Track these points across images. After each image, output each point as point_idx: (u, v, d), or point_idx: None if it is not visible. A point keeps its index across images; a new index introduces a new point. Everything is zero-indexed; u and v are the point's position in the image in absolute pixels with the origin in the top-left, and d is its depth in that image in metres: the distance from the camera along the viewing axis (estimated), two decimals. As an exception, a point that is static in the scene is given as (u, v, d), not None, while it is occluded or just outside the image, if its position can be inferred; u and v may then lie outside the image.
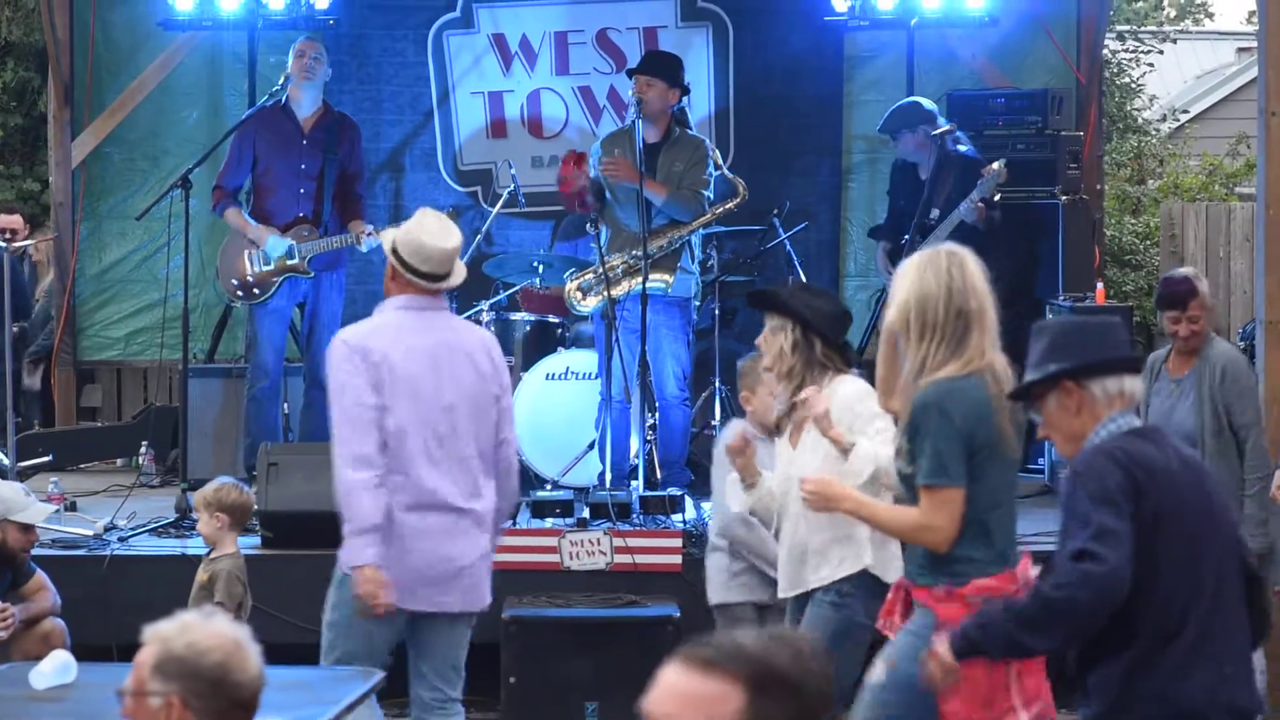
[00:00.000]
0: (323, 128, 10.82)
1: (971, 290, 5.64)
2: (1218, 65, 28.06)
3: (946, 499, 5.48)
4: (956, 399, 5.48)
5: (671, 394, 10.20)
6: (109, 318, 12.82)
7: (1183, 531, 4.72)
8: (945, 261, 5.65)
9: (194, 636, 3.86)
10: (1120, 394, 4.87)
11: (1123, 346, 5.02)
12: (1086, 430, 4.86)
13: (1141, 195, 19.49)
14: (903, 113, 11.32)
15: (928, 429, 5.49)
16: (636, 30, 12.60)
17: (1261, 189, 9.37)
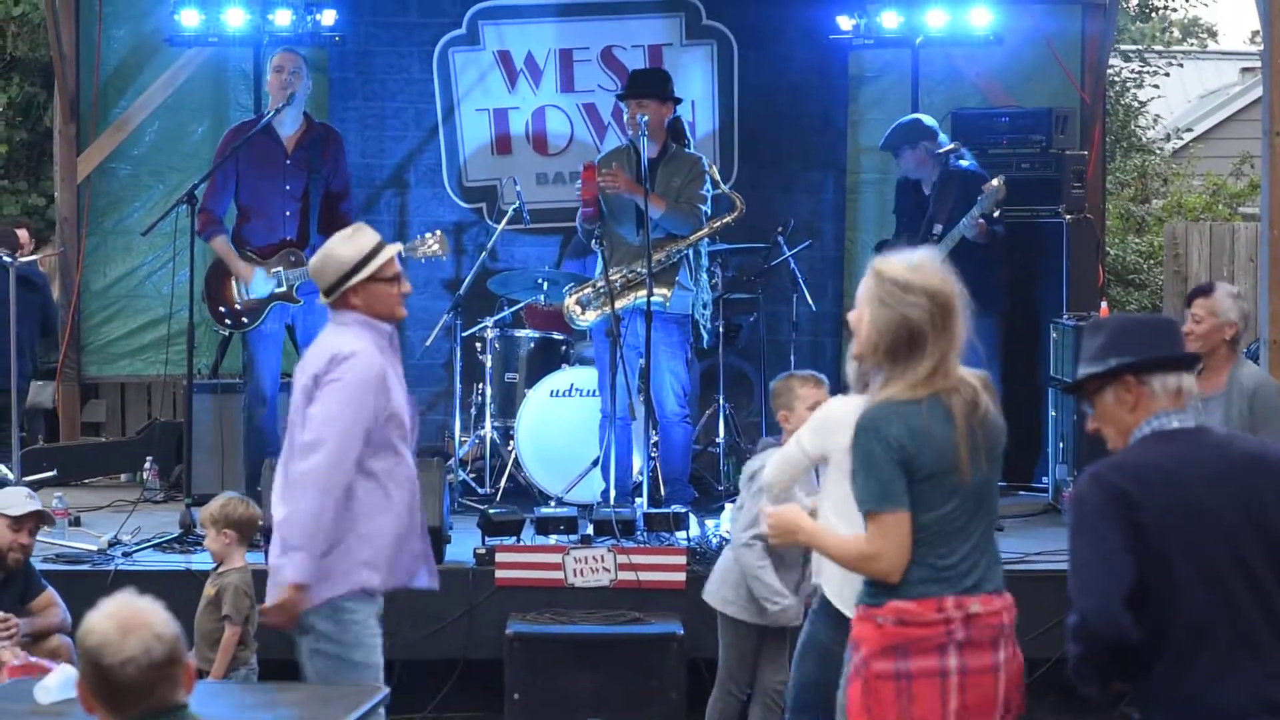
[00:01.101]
0: (305, 146, 10.62)
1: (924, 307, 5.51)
2: (1221, 85, 28.10)
3: (888, 524, 5.30)
4: (892, 422, 5.31)
5: (672, 411, 10.20)
6: (113, 333, 12.83)
7: (1197, 535, 4.69)
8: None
9: (92, 616, 4.04)
10: (1179, 391, 4.86)
11: (1180, 344, 4.98)
12: (1136, 424, 4.87)
13: (1146, 215, 19.52)
14: (904, 130, 11.33)
15: (862, 454, 5.33)
16: (642, 48, 12.61)
17: (1266, 209, 9.38)
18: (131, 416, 13.42)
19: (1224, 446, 4.85)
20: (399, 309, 6.72)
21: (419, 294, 12.53)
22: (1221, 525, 4.71)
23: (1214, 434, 4.92)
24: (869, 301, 5.49)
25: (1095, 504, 4.71)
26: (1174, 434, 4.83)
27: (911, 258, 5.51)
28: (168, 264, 12.36)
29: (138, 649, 3.97)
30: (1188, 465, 4.75)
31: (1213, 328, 8.03)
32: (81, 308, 12.69)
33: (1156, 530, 4.68)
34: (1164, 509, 4.69)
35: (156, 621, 4.00)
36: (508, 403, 11.12)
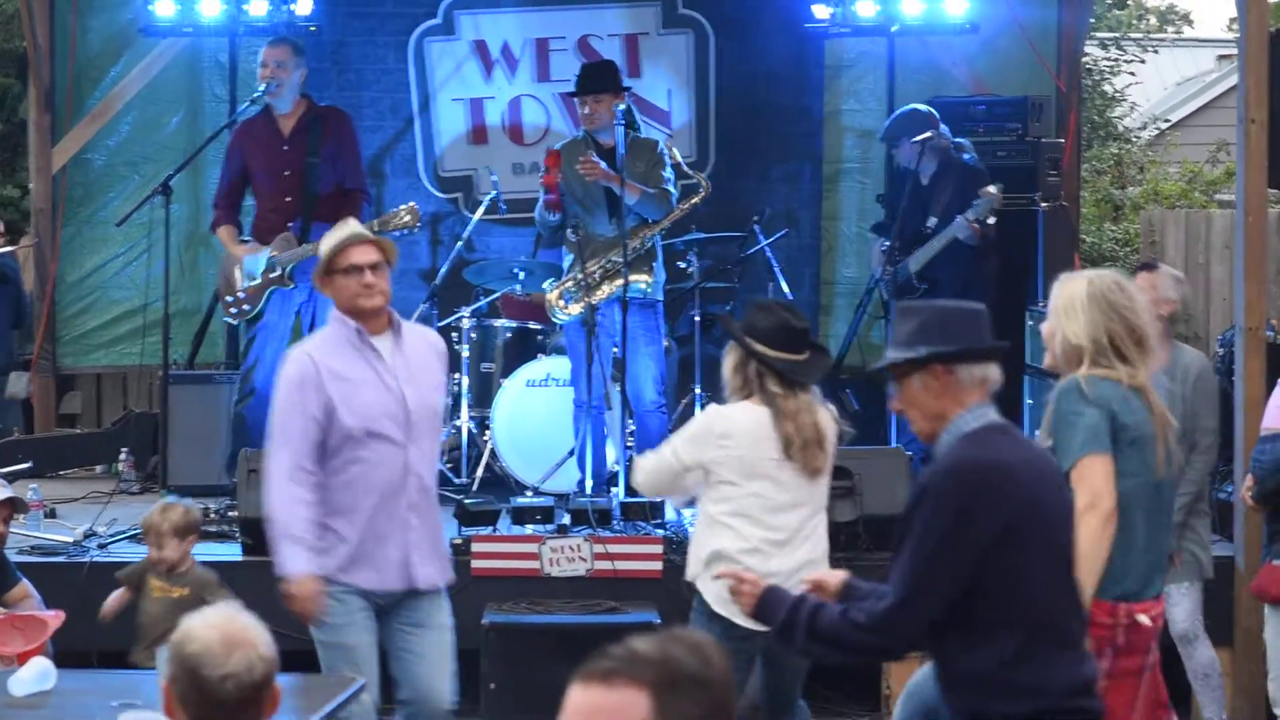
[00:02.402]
0: (303, 127, 10.64)
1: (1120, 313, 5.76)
2: (1198, 72, 28.11)
3: (1096, 466, 5.56)
4: (1097, 386, 5.63)
5: (649, 400, 10.19)
6: (89, 324, 12.80)
7: (1044, 527, 4.82)
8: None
9: (194, 623, 3.91)
10: (984, 381, 4.96)
11: (989, 335, 5.08)
12: (947, 412, 4.94)
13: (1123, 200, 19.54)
14: (902, 121, 11.33)
15: (1068, 409, 5.64)
16: (618, 37, 12.61)
17: (1241, 196, 9.39)
18: (107, 408, 13.41)
19: (1024, 441, 5.07)
20: (359, 300, 6.73)
21: (395, 284, 12.47)
22: (1055, 516, 4.89)
23: (1018, 429, 5.16)
24: (1077, 308, 5.73)
25: (957, 503, 4.77)
26: (1002, 429, 4.96)
27: (1113, 275, 5.86)
28: (143, 255, 12.35)
29: (240, 665, 3.86)
30: (1023, 459, 4.89)
31: (1151, 301, 8.12)
32: (57, 299, 12.66)
33: (1011, 522, 4.76)
34: (1016, 502, 4.78)
35: (261, 641, 3.91)
36: (484, 392, 11.11)
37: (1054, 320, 5.72)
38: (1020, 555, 4.76)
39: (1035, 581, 4.78)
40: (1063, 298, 5.72)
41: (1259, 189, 9.33)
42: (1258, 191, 9.32)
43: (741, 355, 6.72)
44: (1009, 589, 4.76)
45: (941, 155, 11.07)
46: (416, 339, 6.94)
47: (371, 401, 6.65)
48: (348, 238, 6.76)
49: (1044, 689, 4.78)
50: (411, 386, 6.74)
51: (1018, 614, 4.77)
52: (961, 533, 4.75)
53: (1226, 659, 9.09)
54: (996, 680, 4.78)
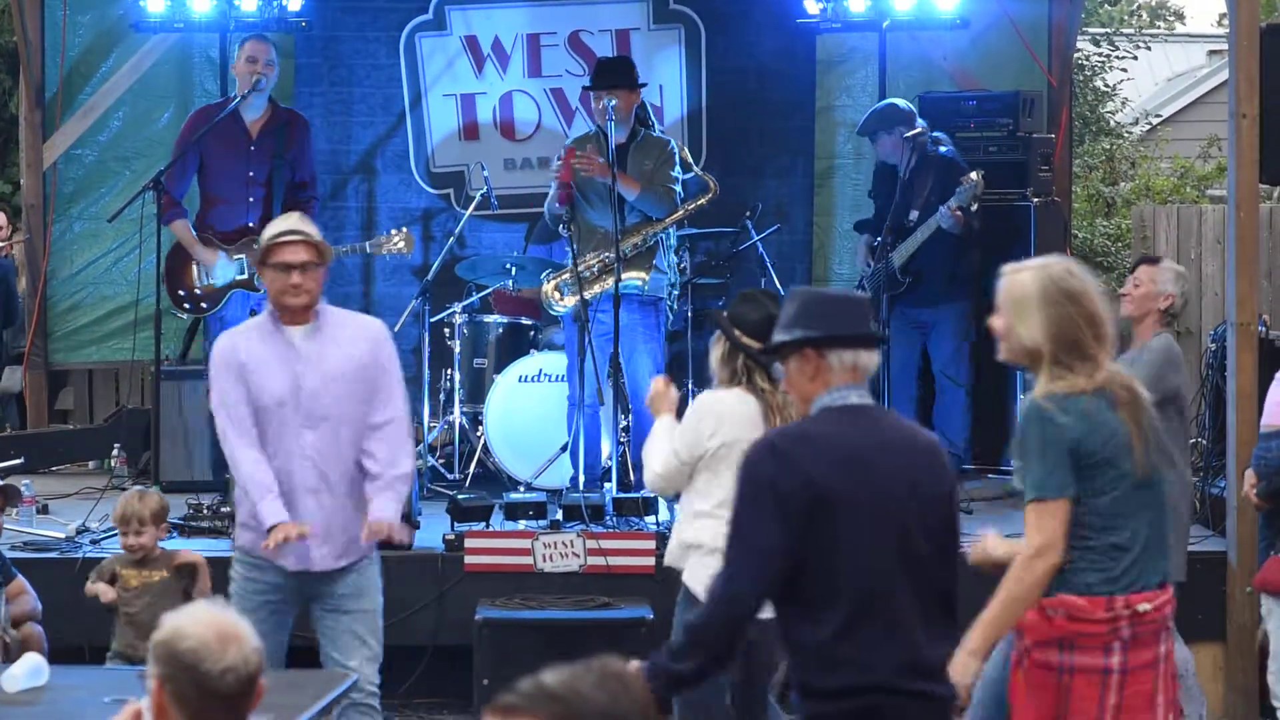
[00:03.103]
0: (270, 132, 10.64)
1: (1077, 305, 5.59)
2: (1189, 68, 28.14)
3: (1053, 511, 5.42)
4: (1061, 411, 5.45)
5: (646, 396, 10.19)
6: (80, 320, 12.78)
7: (857, 513, 4.87)
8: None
9: (181, 622, 3.91)
10: (854, 367, 5.06)
11: (863, 323, 5.15)
12: (815, 394, 5.07)
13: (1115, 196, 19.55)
14: (879, 115, 11.37)
15: (1033, 443, 5.47)
16: (609, 32, 12.60)
17: (1232, 191, 9.40)
18: (99, 403, 13.39)
19: (889, 424, 5.13)
20: (284, 298, 6.88)
21: (387, 280, 12.57)
22: (888, 496, 4.92)
23: (882, 412, 5.21)
24: (1030, 305, 5.55)
25: (768, 472, 4.88)
26: (848, 408, 5.04)
27: (1061, 262, 5.65)
28: (134, 250, 12.29)
29: (237, 659, 3.89)
30: (858, 438, 4.98)
31: (1148, 294, 8.26)
32: (48, 295, 12.64)
33: (828, 499, 4.85)
34: (837, 478, 4.87)
35: (248, 635, 3.95)
36: (476, 388, 11.11)
37: (1007, 317, 5.57)
38: (836, 530, 4.85)
39: (856, 559, 4.86)
40: (1013, 292, 5.58)
41: (1250, 184, 9.34)
42: (1249, 186, 9.33)
43: (728, 347, 6.74)
44: (827, 564, 4.86)
45: (920, 150, 11.09)
46: (344, 330, 7.03)
47: (270, 386, 6.87)
48: (284, 233, 6.89)
49: (865, 665, 4.84)
50: (316, 376, 6.88)
51: (838, 590, 4.85)
52: (763, 500, 4.86)
53: (1220, 655, 9.11)
54: (818, 653, 4.87)
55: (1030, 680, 5.41)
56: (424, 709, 9.15)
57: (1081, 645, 5.39)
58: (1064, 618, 5.38)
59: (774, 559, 4.84)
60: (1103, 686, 5.41)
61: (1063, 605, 5.39)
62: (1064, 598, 5.39)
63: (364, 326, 7.12)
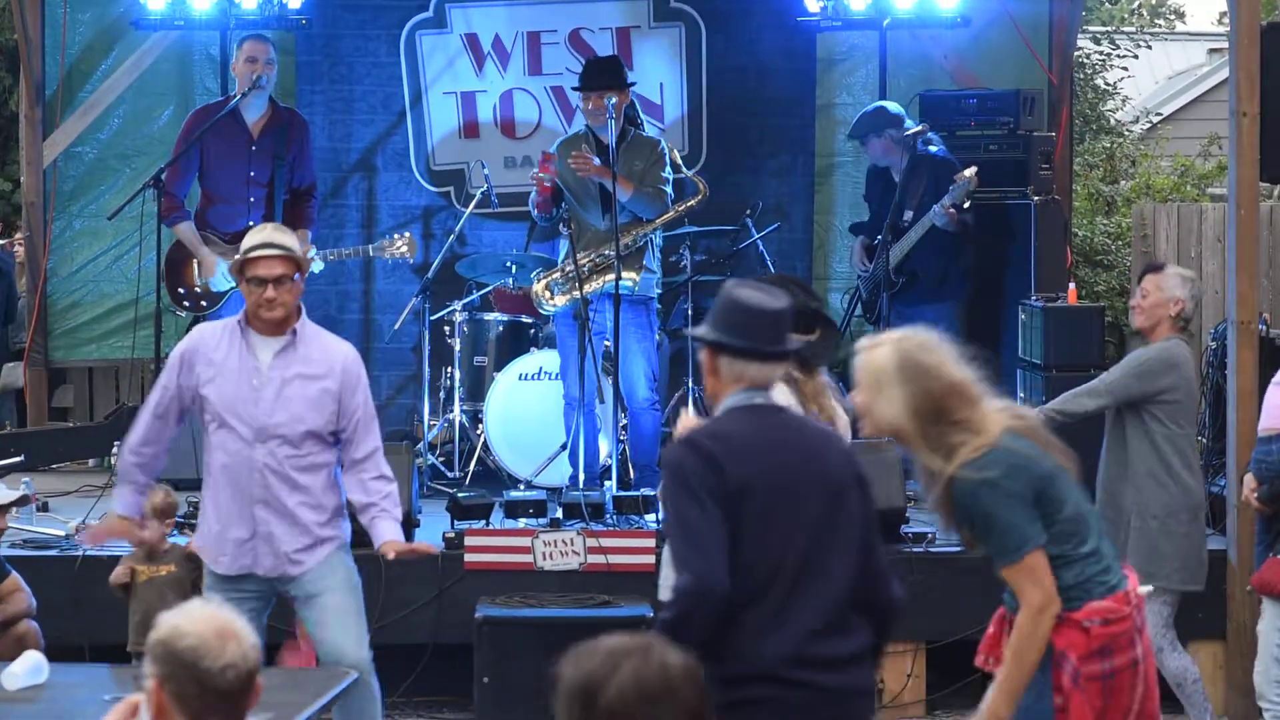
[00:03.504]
0: (271, 132, 10.66)
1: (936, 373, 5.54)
2: (1189, 66, 28.12)
3: (1036, 564, 5.41)
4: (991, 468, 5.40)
5: (643, 397, 10.21)
6: (80, 318, 12.77)
7: (763, 506, 4.98)
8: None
9: (177, 620, 3.90)
10: (739, 378, 5.15)
11: (760, 338, 5.17)
12: (718, 392, 5.20)
13: (1115, 195, 19.53)
14: (869, 118, 11.40)
15: (984, 512, 5.42)
16: (609, 30, 12.60)
17: (1233, 190, 9.39)
18: (99, 401, 13.39)
19: (798, 424, 5.28)
20: (261, 311, 6.95)
21: (387, 278, 12.57)
22: (797, 491, 5.02)
23: (790, 413, 5.34)
24: (889, 385, 5.49)
25: (692, 468, 4.98)
26: (755, 408, 5.14)
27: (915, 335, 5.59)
28: (134, 248, 12.30)
29: (236, 655, 3.90)
30: (771, 434, 5.09)
31: (1157, 302, 8.23)
32: (48, 292, 12.64)
33: (743, 493, 4.95)
34: (751, 473, 4.98)
35: (245, 631, 3.95)
36: (476, 386, 11.11)
37: (866, 394, 5.50)
38: (744, 523, 4.95)
39: (751, 553, 4.95)
40: (870, 369, 5.49)
41: (1250, 182, 9.34)
42: (1249, 185, 9.33)
43: None
44: (734, 556, 4.94)
45: (909, 150, 11.10)
46: (316, 351, 7.04)
47: (229, 393, 6.93)
48: (259, 246, 6.92)
49: (755, 655, 4.94)
50: (274, 392, 6.93)
51: (736, 581, 4.93)
52: (697, 496, 4.95)
53: (1220, 653, 9.11)
54: (716, 642, 4.95)
55: (1088, 696, 5.41)
56: (424, 707, 9.16)
57: (1117, 646, 5.43)
58: (1100, 625, 5.40)
59: (723, 548, 4.94)
60: (1133, 677, 5.48)
61: (1096, 614, 5.41)
62: (1092, 606, 5.42)
63: (334, 356, 7.08)
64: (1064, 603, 5.42)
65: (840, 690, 5.04)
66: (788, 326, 5.27)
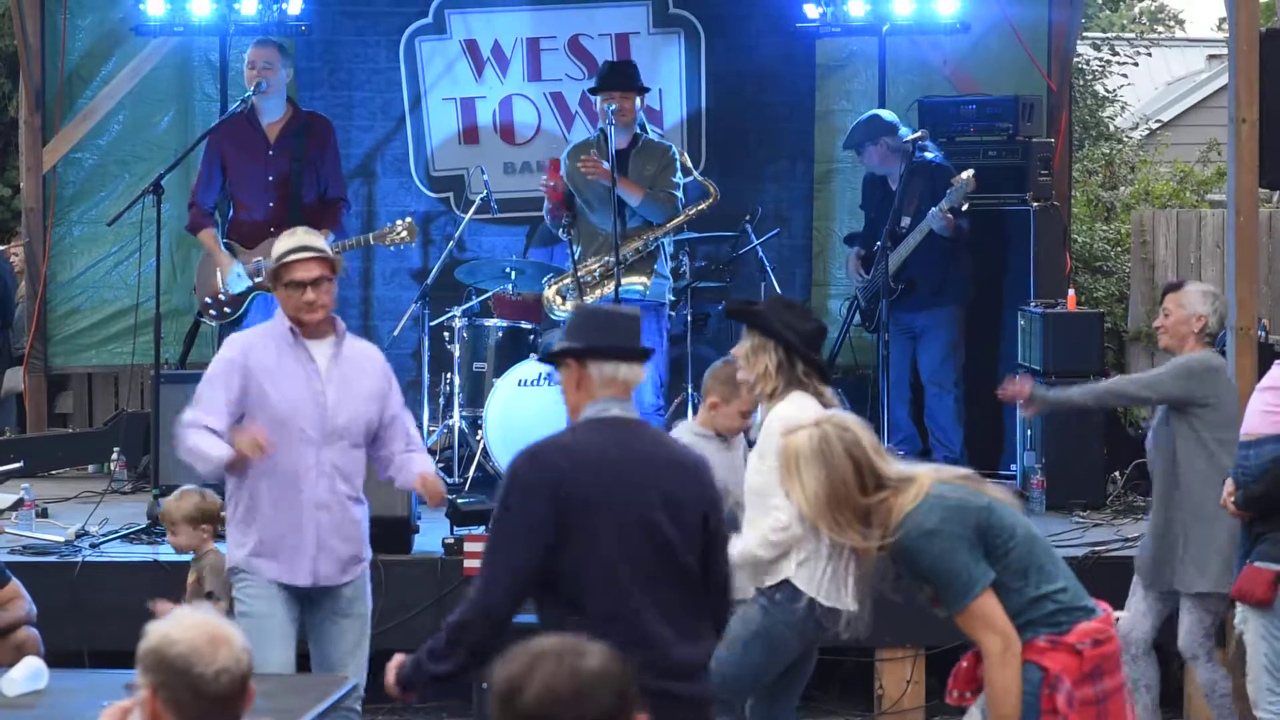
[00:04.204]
0: (290, 134, 10.70)
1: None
2: (1188, 72, 28.12)
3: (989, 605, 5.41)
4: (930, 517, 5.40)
5: (648, 403, 10.21)
6: (80, 324, 12.77)
7: (611, 518, 5.13)
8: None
9: (167, 628, 3.90)
10: (613, 380, 5.31)
11: (627, 338, 5.37)
12: (580, 404, 5.34)
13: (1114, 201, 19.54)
14: (864, 127, 11.42)
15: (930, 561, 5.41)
16: (609, 36, 12.60)
17: (1232, 196, 9.41)
18: (99, 407, 13.38)
19: (648, 437, 5.41)
20: (302, 314, 6.97)
21: (386, 284, 12.57)
22: (637, 505, 5.15)
23: (642, 426, 5.45)
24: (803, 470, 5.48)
25: (526, 481, 5.18)
26: (608, 420, 5.28)
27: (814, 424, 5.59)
28: (134, 254, 12.31)
29: (229, 660, 3.89)
30: (613, 449, 5.23)
31: (1178, 320, 8.19)
32: (48, 298, 12.64)
33: (582, 506, 5.10)
34: (589, 487, 5.13)
35: (236, 635, 3.95)
36: (476, 392, 11.11)
37: (786, 484, 5.54)
38: (586, 536, 5.10)
39: (603, 563, 5.12)
40: (787, 457, 5.51)
41: (1250, 188, 9.35)
42: (1248, 191, 9.34)
43: (785, 356, 6.70)
44: (577, 567, 5.12)
45: (905, 157, 11.12)
46: (357, 352, 7.16)
47: (290, 397, 6.91)
48: (293, 250, 6.93)
49: None
50: (337, 392, 6.97)
51: (587, 591, 5.12)
52: (521, 509, 5.13)
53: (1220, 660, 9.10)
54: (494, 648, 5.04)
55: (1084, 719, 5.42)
56: (424, 712, 9.16)
57: (1108, 666, 5.43)
58: (1092, 646, 5.40)
59: (526, 569, 5.12)
60: (1127, 700, 5.48)
61: (1087, 635, 5.41)
62: (1081, 627, 5.42)
63: (370, 353, 7.25)
64: (1052, 628, 5.42)
65: (694, 699, 5.20)
66: (640, 330, 5.46)
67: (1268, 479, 7.61)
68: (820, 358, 6.80)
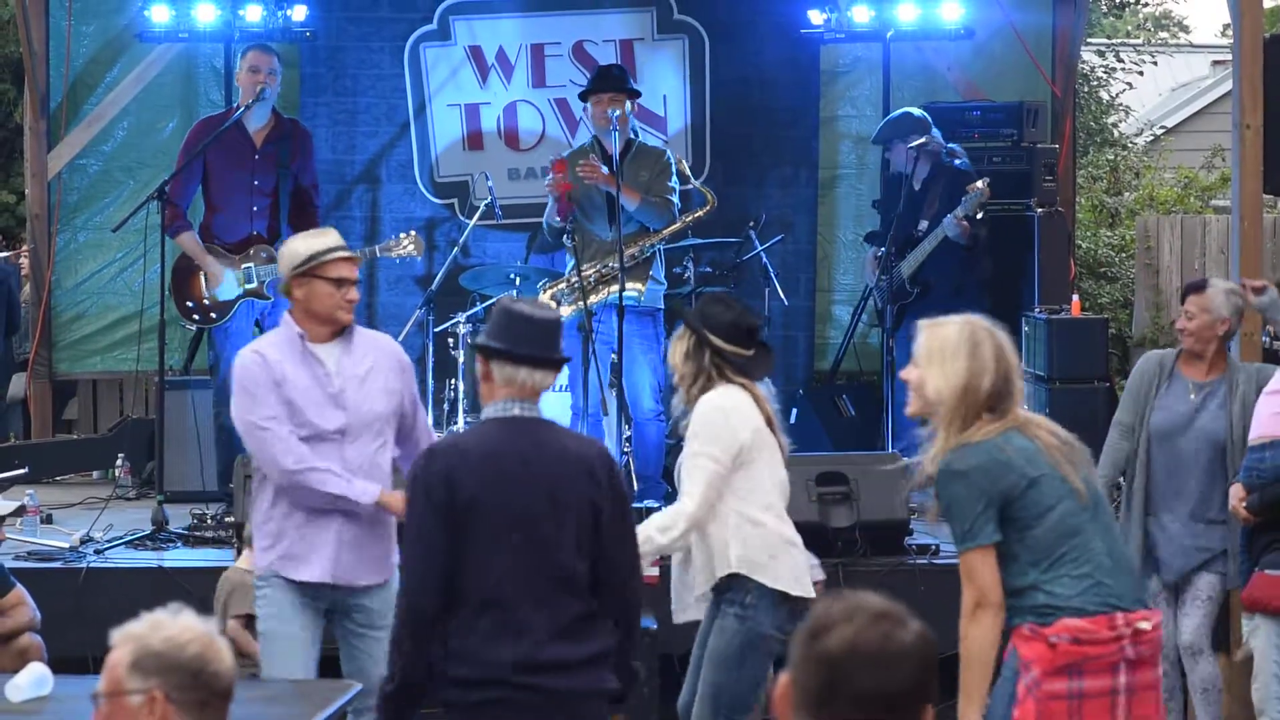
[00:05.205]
0: (275, 141, 10.65)
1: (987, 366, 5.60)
2: (1193, 78, 28.13)
3: (975, 561, 5.49)
4: (970, 458, 5.49)
5: (648, 408, 10.20)
6: (85, 330, 12.78)
7: (492, 515, 5.34)
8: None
9: (169, 632, 3.92)
10: (512, 382, 5.48)
11: (533, 344, 5.49)
12: (486, 400, 5.57)
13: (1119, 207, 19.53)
14: (894, 123, 11.41)
15: (947, 499, 5.54)
16: (613, 43, 12.60)
17: (1236, 202, 9.41)
18: (103, 413, 13.39)
19: (541, 437, 5.51)
20: (340, 313, 6.92)
21: (391, 290, 12.58)
22: (521, 503, 5.34)
23: (540, 426, 5.56)
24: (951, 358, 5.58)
25: (424, 480, 5.41)
26: (507, 419, 5.48)
27: (982, 319, 5.71)
28: (139, 260, 12.32)
29: (229, 657, 3.94)
30: (504, 448, 5.42)
31: (1204, 324, 8.11)
32: (53, 305, 12.65)
33: (467, 502, 5.30)
34: (475, 485, 5.34)
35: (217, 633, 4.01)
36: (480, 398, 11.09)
37: (921, 368, 5.59)
38: (470, 533, 5.33)
39: (479, 562, 5.33)
40: (933, 343, 5.60)
41: (1254, 194, 9.35)
42: (1253, 196, 9.34)
43: (694, 343, 6.74)
44: (463, 564, 5.34)
45: (934, 160, 11.13)
46: (369, 345, 7.08)
47: (307, 403, 6.86)
48: (335, 248, 6.90)
49: (487, 660, 5.29)
50: (352, 390, 6.92)
51: (469, 588, 5.34)
52: (420, 508, 5.36)
53: (1224, 668, 9.09)
54: (450, 645, 5.35)
55: (1042, 711, 5.39)
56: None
57: (1090, 669, 5.39)
58: (1069, 643, 5.39)
59: (436, 562, 5.33)
60: (1112, 707, 5.42)
61: (1067, 630, 5.39)
62: (1066, 622, 5.40)
63: (389, 351, 7.15)
64: (1035, 616, 5.45)
65: (570, 694, 5.36)
66: (557, 337, 5.58)
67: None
68: (736, 348, 6.73)
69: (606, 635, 5.51)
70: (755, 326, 6.82)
